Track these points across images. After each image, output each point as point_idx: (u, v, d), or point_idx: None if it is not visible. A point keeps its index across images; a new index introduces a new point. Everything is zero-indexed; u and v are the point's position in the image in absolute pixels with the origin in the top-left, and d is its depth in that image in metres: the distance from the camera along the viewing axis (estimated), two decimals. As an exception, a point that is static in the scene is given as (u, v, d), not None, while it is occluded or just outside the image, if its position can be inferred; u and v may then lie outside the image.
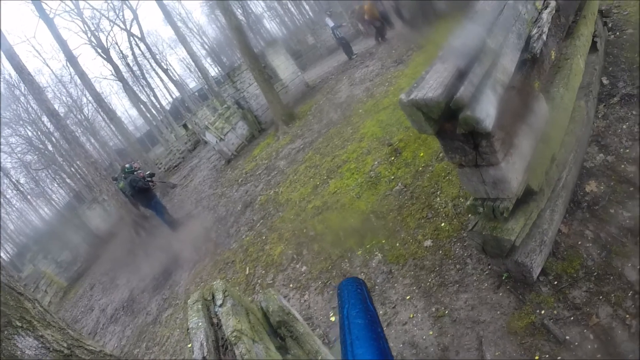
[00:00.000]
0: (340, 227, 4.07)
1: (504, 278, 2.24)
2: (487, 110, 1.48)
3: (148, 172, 9.15)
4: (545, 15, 2.39)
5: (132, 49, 30.69)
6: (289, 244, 4.54)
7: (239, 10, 35.73)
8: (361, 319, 0.76)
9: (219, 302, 1.45)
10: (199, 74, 32.50)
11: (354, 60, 12.37)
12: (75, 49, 19.68)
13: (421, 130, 1.61)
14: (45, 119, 23.65)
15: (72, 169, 28.60)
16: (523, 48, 2.03)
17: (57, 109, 12.03)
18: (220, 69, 41.70)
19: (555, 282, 2.07)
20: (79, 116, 30.88)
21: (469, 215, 2.22)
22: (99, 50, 27.06)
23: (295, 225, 4.82)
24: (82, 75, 14.42)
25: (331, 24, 13.82)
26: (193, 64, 30.73)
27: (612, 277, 1.96)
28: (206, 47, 43.36)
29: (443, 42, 2.13)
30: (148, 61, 34.47)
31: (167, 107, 39.45)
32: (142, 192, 7.99)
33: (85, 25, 26.08)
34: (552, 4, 2.64)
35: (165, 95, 41.91)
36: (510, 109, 1.73)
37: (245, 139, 11.48)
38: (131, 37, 29.62)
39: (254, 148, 10.15)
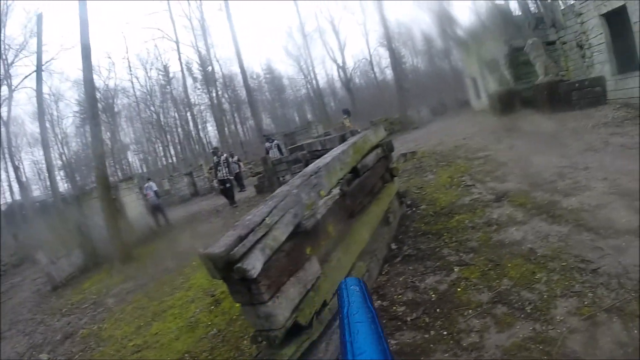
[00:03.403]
0: (156, 364, 4.96)
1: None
2: (254, 264, 2.64)
3: None
4: (323, 201, 3.84)
5: (-11, 130, 29.88)
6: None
7: (107, 134, 37.09)
8: (361, 318, 1.09)
9: None
10: (48, 184, 31.80)
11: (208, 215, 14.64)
12: None
13: (213, 276, 2.69)
14: None
15: None
16: (298, 224, 3.35)
17: None
18: (71, 186, 41.28)
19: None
20: None
21: (254, 345, 3.24)
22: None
23: (113, 361, 5.60)
24: None
25: (154, 188, 16.10)
26: (46, 172, 30.28)
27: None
28: (64, 158, 44.10)
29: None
30: (2, 152, 33.07)
31: (3, 209, 36.72)
32: None
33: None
34: (335, 192, 4.19)
35: (6, 195, 39.90)
36: (278, 265, 2.95)
37: (79, 269, 12.10)
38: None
39: (85, 280, 10.89)
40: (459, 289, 3.92)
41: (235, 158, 19.31)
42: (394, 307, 3.83)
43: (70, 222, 13.24)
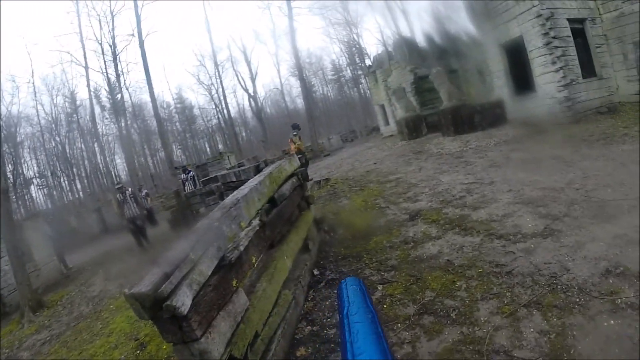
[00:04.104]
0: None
1: None
2: (182, 301, 2.63)
3: None
4: (244, 232, 3.90)
5: None
6: None
7: (9, 166, 34.32)
8: (361, 318, 1.04)
9: None
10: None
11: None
12: None
13: (140, 316, 2.63)
14: None
15: None
16: (222, 257, 3.38)
17: None
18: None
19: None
20: None
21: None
22: None
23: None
24: None
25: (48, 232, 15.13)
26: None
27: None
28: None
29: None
30: None
31: None
32: None
33: None
34: (255, 223, 4.26)
35: None
36: (207, 300, 2.96)
37: (-16, 321, 10.89)
38: None
39: (-6, 333, 9.89)
40: (385, 306, 4.08)
41: (144, 192, 18.20)
42: (325, 331, 3.91)
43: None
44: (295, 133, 15.00)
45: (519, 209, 5.70)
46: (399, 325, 3.66)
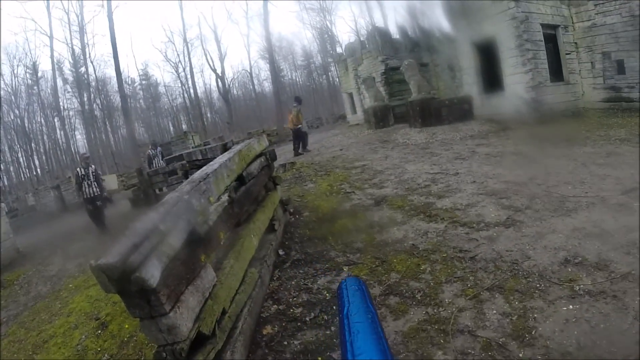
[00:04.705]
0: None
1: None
2: (152, 273, 2.59)
3: None
4: (213, 207, 3.87)
5: None
6: None
7: None
8: (361, 318, 1.02)
9: None
10: None
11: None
12: None
13: (107, 289, 2.57)
14: None
15: None
16: (191, 230, 3.35)
17: None
18: None
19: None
20: None
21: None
22: None
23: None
24: None
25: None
26: None
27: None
28: None
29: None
30: None
31: None
32: None
33: None
34: (224, 198, 4.24)
35: None
36: (175, 273, 2.93)
37: None
38: None
39: (-54, 314, 9.51)
40: (351, 286, 4.15)
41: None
42: (291, 310, 3.95)
43: None
44: (295, 105, 16.03)
45: (482, 199, 5.88)
46: (365, 305, 3.73)
